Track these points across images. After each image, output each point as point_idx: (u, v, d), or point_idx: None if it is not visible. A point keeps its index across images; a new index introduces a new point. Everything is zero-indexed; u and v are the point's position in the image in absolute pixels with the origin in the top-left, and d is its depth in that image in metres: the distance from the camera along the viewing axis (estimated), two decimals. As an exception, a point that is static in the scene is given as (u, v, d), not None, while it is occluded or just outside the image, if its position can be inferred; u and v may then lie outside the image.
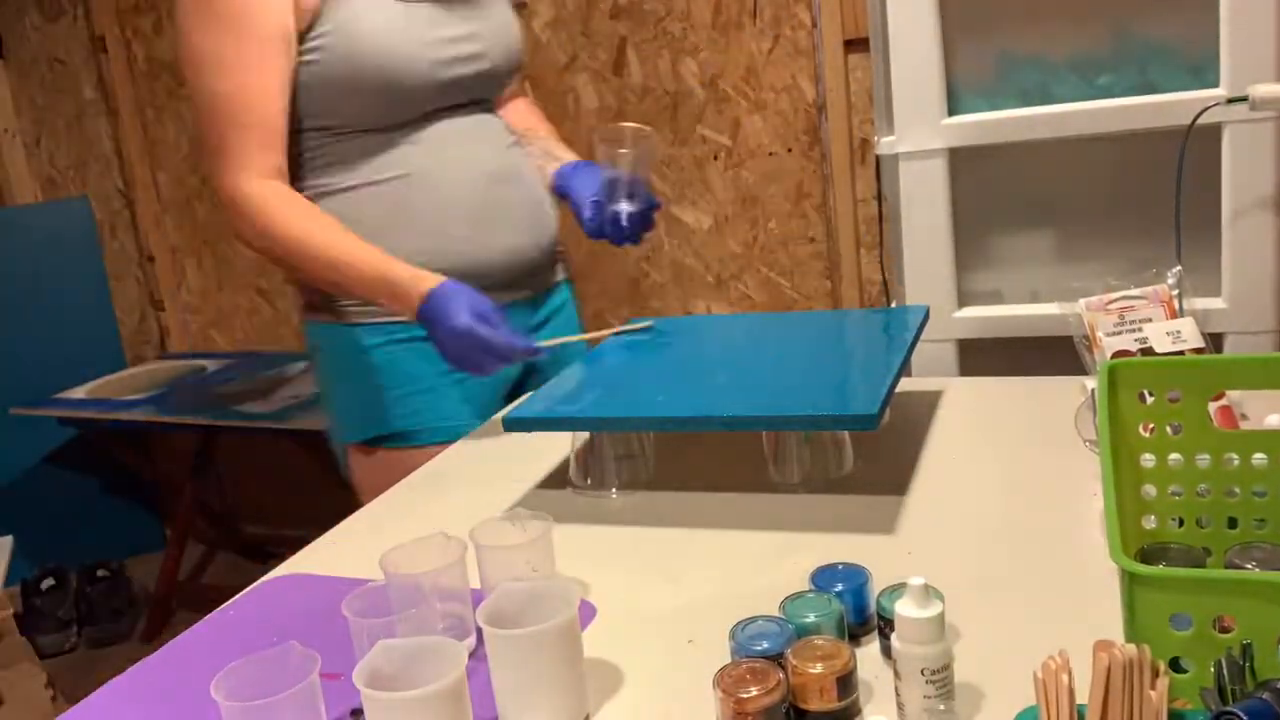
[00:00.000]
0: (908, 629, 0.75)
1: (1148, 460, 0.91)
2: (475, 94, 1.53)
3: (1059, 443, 1.20)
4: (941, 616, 0.74)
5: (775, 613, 0.86)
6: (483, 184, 1.50)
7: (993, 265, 1.79)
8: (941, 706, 0.74)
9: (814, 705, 0.77)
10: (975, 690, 0.80)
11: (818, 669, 0.77)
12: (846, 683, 0.78)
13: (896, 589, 0.87)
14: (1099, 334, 1.20)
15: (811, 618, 0.84)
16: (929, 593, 0.75)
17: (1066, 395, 1.29)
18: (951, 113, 1.69)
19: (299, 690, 0.76)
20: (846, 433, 1.22)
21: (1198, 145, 1.54)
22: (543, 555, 0.98)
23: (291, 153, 1.43)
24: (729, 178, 2.69)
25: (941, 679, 0.74)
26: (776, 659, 0.80)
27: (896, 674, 0.76)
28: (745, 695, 0.76)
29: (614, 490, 1.25)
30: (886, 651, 0.85)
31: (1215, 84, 1.55)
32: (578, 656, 0.83)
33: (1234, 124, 1.54)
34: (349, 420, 1.55)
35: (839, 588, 0.88)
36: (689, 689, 0.85)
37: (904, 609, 0.75)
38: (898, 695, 0.76)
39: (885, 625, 0.85)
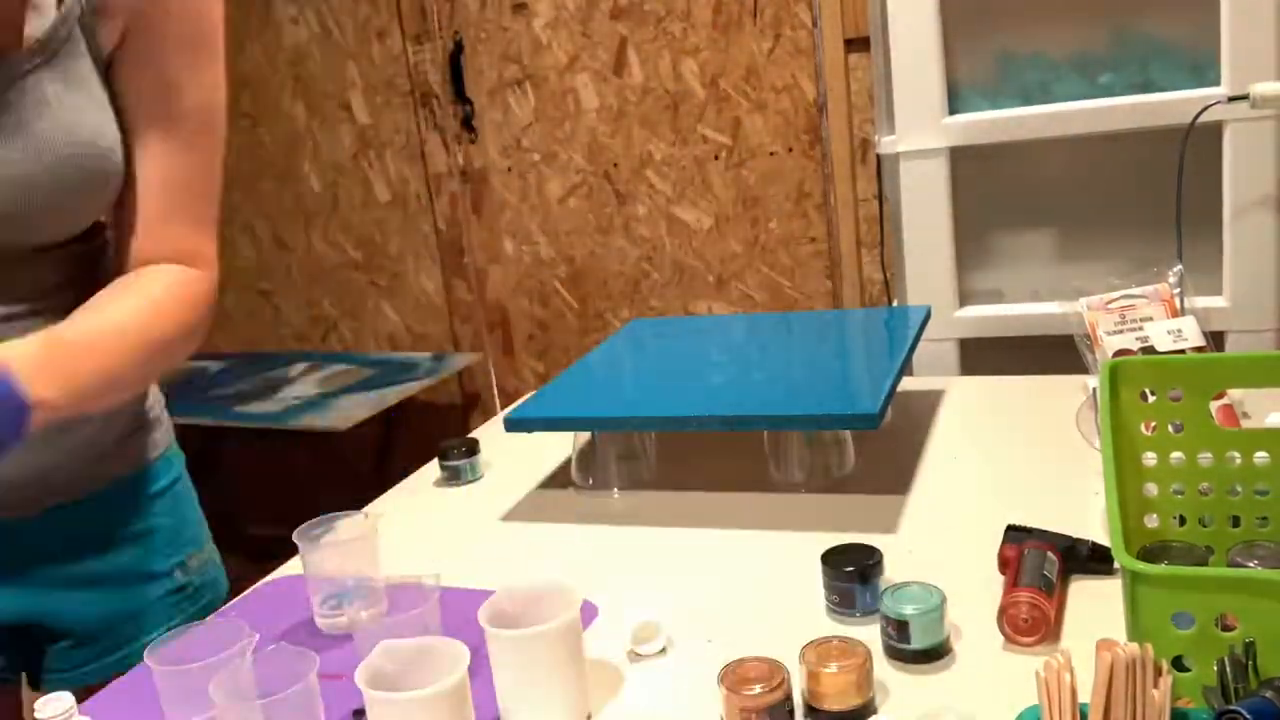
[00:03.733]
0: None
1: (1149, 459, 0.91)
2: None
3: (1061, 442, 1.20)
4: None
5: (778, 612, 0.86)
6: None
7: (994, 264, 1.78)
8: None
9: (831, 706, 0.77)
10: (978, 689, 0.79)
11: (833, 669, 0.77)
12: (863, 683, 0.78)
13: (900, 588, 0.87)
14: (1100, 333, 1.20)
15: (909, 610, 0.84)
16: None
17: (1068, 394, 1.29)
18: (952, 112, 1.69)
19: (298, 690, 0.76)
20: (848, 432, 1.21)
21: (1199, 144, 1.54)
22: (365, 556, 1.00)
23: None
24: (730, 177, 2.69)
25: None
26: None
27: None
28: (749, 693, 0.76)
29: (615, 490, 1.25)
30: (889, 651, 0.85)
31: (1216, 82, 1.55)
32: (579, 656, 0.83)
33: (1235, 122, 1.54)
34: None
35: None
36: (691, 688, 0.85)
37: None
38: None
39: (889, 624, 0.85)
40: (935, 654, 0.84)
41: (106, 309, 0.94)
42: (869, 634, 0.88)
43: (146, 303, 0.95)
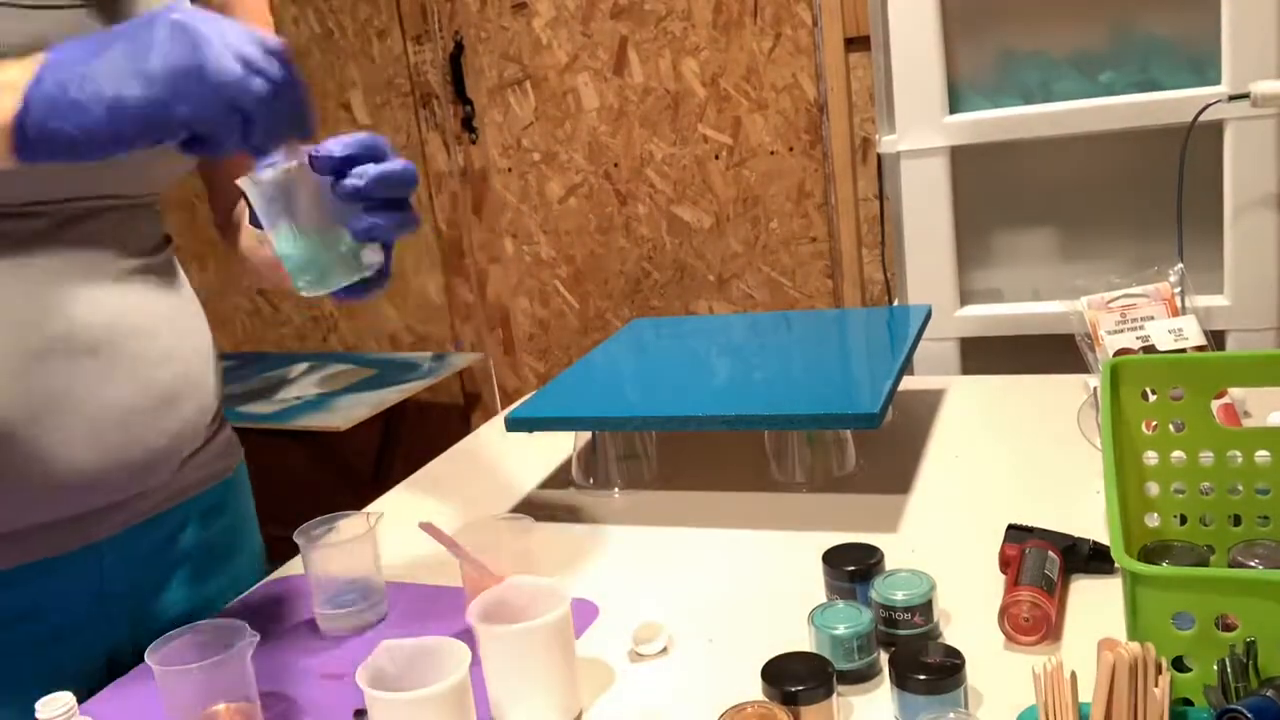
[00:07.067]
0: None
1: (1150, 458, 0.91)
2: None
3: (1061, 441, 1.20)
4: None
5: (779, 612, 0.86)
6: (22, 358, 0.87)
7: (994, 263, 1.78)
8: None
9: None
10: (978, 689, 0.79)
11: None
12: None
13: (890, 574, 0.88)
14: (1101, 332, 1.20)
15: (841, 629, 0.83)
16: None
17: (1069, 393, 1.29)
18: (953, 111, 1.69)
19: (230, 656, 0.77)
20: (849, 432, 1.21)
21: (1199, 142, 1.54)
22: (365, 554, 1.01)
23: None
24: (730, 177, 2.69)
25: None
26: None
27: None
28: None
29: (616, 490, 1.25)
30: (880, 640, 0.86)
31: (1217, 81, 1.55)
32: (569, 653, 0.83)
33: (1236, 121, 1.54)
34: None
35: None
36: (692, 688, 0.85)
37: None
38: None
39: (883, 610, 0.85)
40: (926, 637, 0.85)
41: None
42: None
43: None
